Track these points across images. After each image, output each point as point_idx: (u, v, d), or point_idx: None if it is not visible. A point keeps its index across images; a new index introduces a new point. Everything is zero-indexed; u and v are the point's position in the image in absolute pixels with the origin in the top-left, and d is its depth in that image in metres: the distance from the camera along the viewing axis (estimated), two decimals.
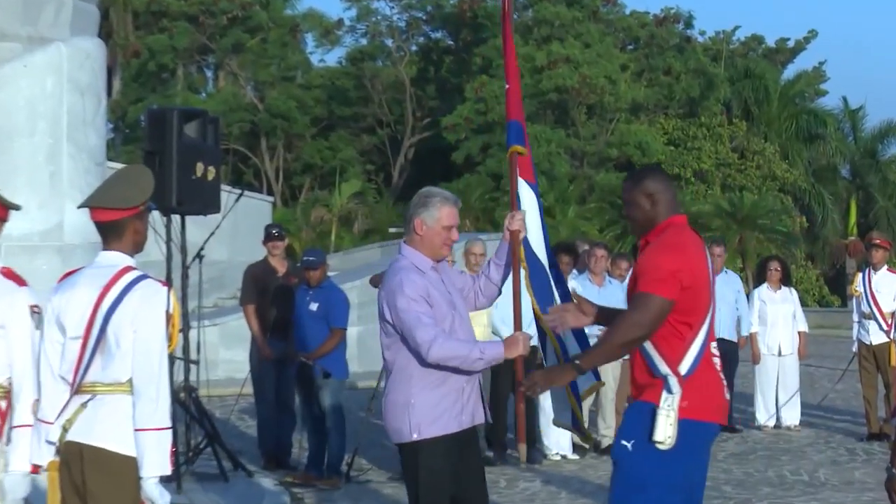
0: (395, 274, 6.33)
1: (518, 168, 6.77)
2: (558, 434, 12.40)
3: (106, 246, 5.63)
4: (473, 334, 6.60)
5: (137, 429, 5.40)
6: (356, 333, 17.16)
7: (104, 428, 5.44)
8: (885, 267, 14.14)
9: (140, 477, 5.41)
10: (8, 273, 5.99)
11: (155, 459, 5.40)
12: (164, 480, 5.49)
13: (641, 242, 5.96)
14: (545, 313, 6.38)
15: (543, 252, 6.72)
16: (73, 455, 5.48)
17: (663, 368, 5.68)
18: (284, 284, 12.06)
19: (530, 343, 6.38)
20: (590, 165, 39.92)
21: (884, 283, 13.99)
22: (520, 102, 7.00)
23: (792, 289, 15.32)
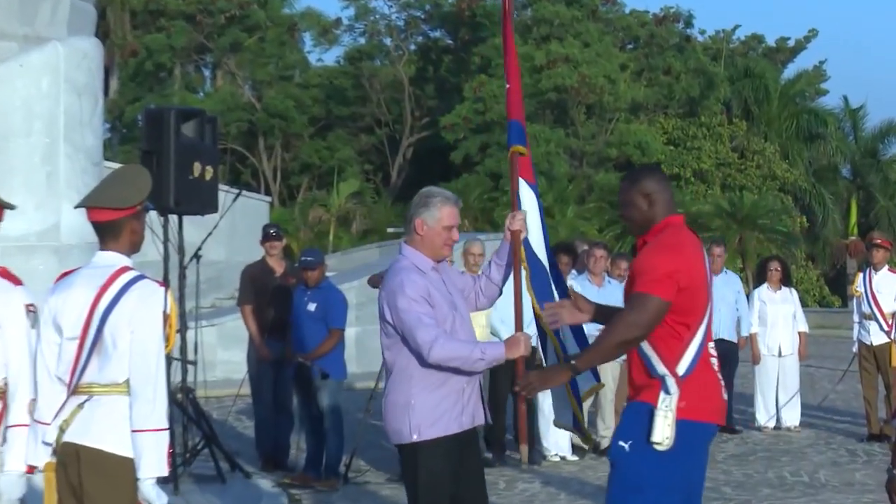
0: (396, 274, 6.30)
1: (518, 168, 6.74)
2: (557, 435, 12.39)
3: (103, 246, 5.62)
4: (474, 335, 6.58)
5: (134, 430, 5.38)
6: (354, 334, 17.18)
7: (101, 429, 5.43)
8: (886, 267, 14.11)
9: (137, 478, 5.40)
10: (3, 272, 5.99)
11: (152, 460, 5.39)
12: (162, 482, 5.49)
13: (639, 242, 5.95)
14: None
15: (544, 252, 6.70)
16: (70, 456, 5.46)
17: (661, 369, 5.67)
18: (282, 285, 12.04)
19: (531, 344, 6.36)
20: (589, 165, 39.88)
21: (884, 284, 13.96)
22: (520, 102, 6.96)
23: (792, 289, 15.29)
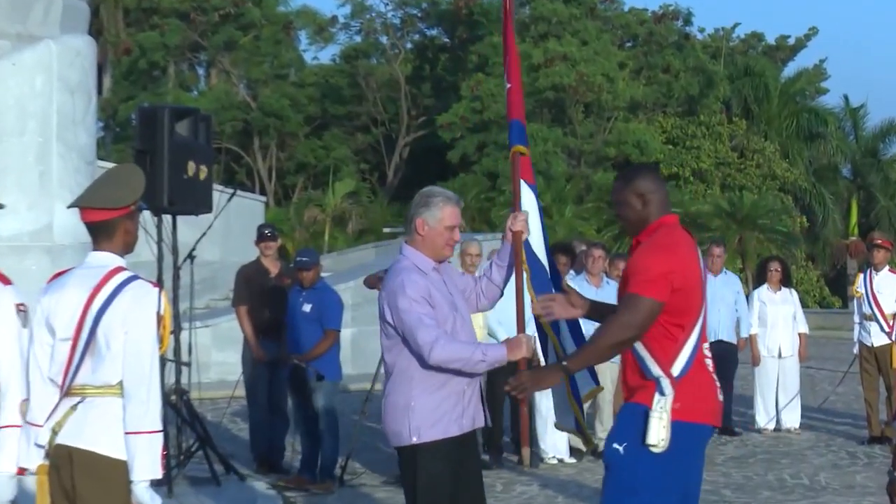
0: (397, 275, 6.27)
1: (520, 168, 6.73)
2: (555, 437, 12.36)
3: (96, 246, 5.59)
4: (475, 336, 6.57)
5: (128, 432, 5.35)
6: (350, 335, 17.19)
7: (94, 431, 5.39)
8: (887, 268, 14.07)
9: (130, 481, 5.36)
10: None
11: (146, 463, 5.36)
12: (155, 484, 5.46)
13: (633, 242, 5.94)
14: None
15: (544, 254, 6.69)
16: (63, 458, 5.43)
17: (655, 370, 5.65)
18: (277, 285, 12.02)
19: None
20: (587, 165, 39.86)
21: (885, 284, 13.92)
22: (521, 102, 6.96)
23: (792, 290, 15.27)
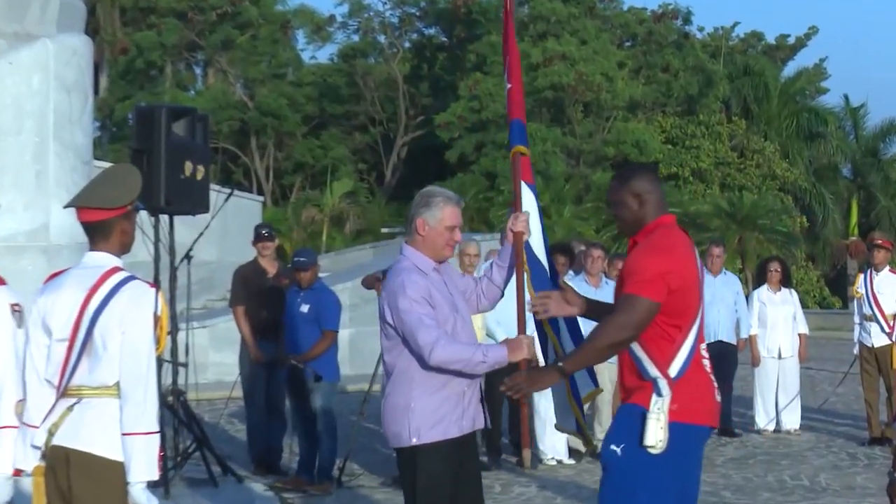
0: (397, 275, 6.24)
1: (521, 169, 6.71)
2: (554, 438, 12.34)
3: (93, 247, 5.58)
4: (476, 337, 6.55)
5: (125, 433, 5.34)
6: (348, 336, 17.20)
7: (91, 432, 5.38)
8: (887, 268, 14.06)
9: (127, 482, 5.36)
10: None
11: (142, 464, 5.35)
12: (152, 486, 5.45)
13: (630, 243, 5.93)
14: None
15: (544, 255, 6.67)
16: (59, 460, 5.42)
17: (652, 371, 5.63)
18: (275, 286, 12.00)
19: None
20: (586, 164, 39.82)
21: (886, 285, 13.91)
22: (522, 102, 6.94)
23: (792, 290, 15.24)
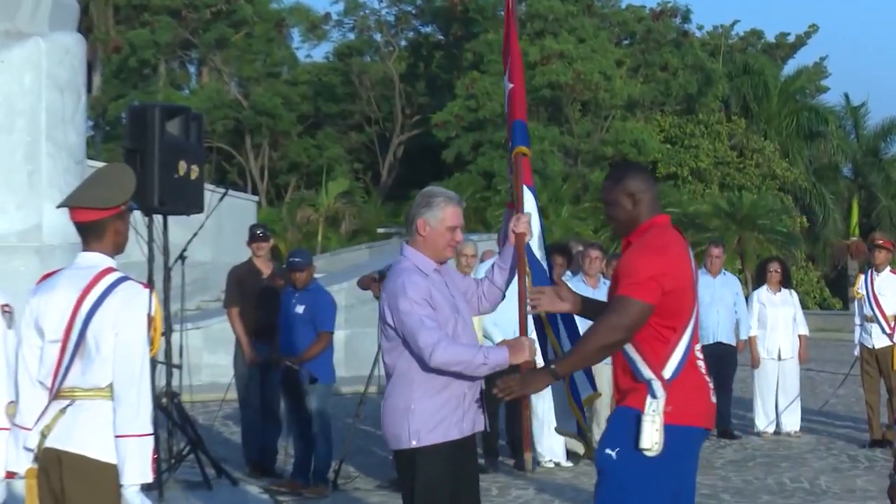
0: (398, 276, 6.20)
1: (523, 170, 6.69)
2: (552, 440, 12.29)
3: (86, 247, 5.56)
4: (476, 339, 6.51)
5: (118, 435, 5.32)
6: (343, 337, 17.24)
7: (84, 434, 5.36)
8: (888, 268, 14.02)
9: (121, 485, 5.33)
10: None
11: (136, 467, 5.33)
12: (146, 488, 5.44)
13: (623, 243, 5.89)
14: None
15: (543, 256, 6.65)
16: (52, 462, 5.40)
17: (647, 373, 5.61)
18: (270, 286, 11.95)
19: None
20: (584, 164, 39.80)
21: (886, 285, 13.87)
22: (524, 102, 6.92)
23: (792, 291, 15.21)
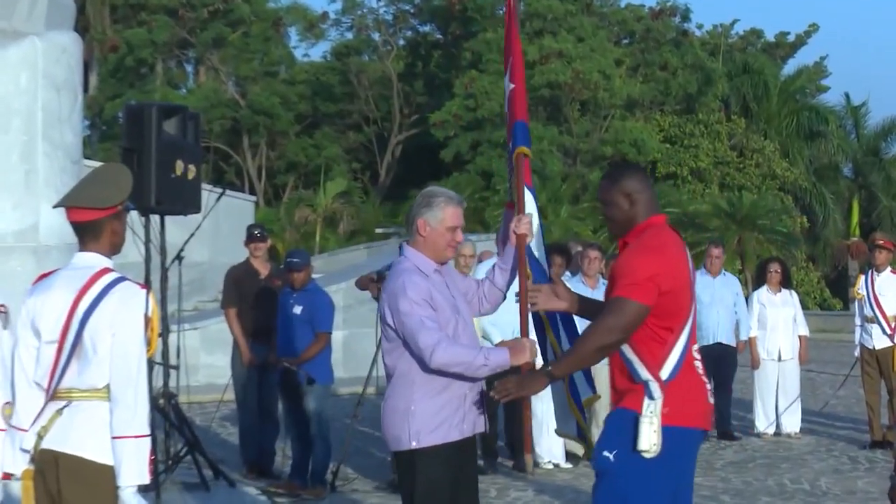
0: (398, 276, 6.18)
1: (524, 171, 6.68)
2: (551, 442, 12.27)
3: (82, 247, 5.56)
4: (477, 340, 6.50)
5: (115, 436, 5.31)
6: (341, 338, 17.24)
7: (80, 435, 5.35)
8: (889, 269, 13.99)
9: (117, 486, 5.32)
10: None
11: (133, 468, 5.32)
12: (143, 490, 5.43)
13: (620, 243, 5.87)
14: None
15: (543, 257, 6.65)
16: (48, 463, 5.39)
17: (644, 374, 5.60)
18: (267, 287, 11.93)
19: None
20: (583, 164, 39.75)
21: (887, 286, 13.84)
22: (525, 103, 6.92)
23: (792, 291, 15.19)
